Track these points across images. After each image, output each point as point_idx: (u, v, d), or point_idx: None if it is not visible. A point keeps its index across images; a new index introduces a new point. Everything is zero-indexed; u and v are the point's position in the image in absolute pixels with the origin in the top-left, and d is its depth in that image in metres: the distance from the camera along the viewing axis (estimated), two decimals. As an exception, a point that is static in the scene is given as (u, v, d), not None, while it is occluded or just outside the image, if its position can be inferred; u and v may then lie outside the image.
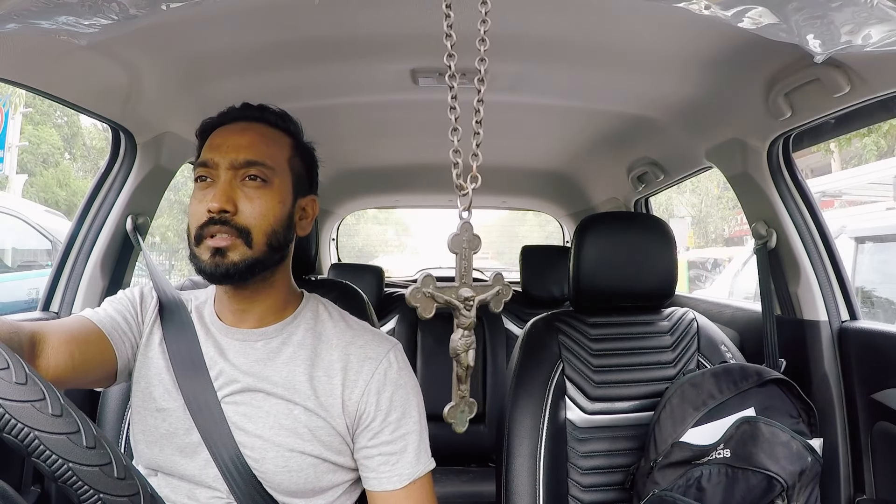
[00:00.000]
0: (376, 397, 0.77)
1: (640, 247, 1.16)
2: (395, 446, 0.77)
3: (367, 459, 0.77)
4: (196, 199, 0.76)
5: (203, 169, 0.77)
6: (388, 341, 0.82)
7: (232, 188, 0.74)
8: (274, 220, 0.76)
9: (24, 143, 10.79)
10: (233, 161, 0.75)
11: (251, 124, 0.79)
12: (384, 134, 1.77)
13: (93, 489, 0.42)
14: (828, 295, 1.20)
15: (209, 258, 0.73)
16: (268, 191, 0.76)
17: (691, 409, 1.01)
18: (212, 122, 0.82)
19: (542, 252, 2.33)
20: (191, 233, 0.76)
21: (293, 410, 0.75)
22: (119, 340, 0.76)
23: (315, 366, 0.78)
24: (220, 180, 0.75)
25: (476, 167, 0.57)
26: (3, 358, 0.43)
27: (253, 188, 0.75)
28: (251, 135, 0.78)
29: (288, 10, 0.94)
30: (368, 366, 0.78)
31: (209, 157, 0.76)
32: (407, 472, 0.76)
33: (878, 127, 7.66)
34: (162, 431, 0.75)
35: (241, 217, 0.74)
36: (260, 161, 0.75)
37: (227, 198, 0.73)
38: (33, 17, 0.64)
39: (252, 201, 0.74)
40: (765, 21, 0.67)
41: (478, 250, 0.60)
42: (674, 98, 1.28)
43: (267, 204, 0.75)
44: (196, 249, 0.75)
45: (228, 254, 0.73)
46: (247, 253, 0.74)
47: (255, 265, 0.74)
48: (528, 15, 0.94)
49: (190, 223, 0.76)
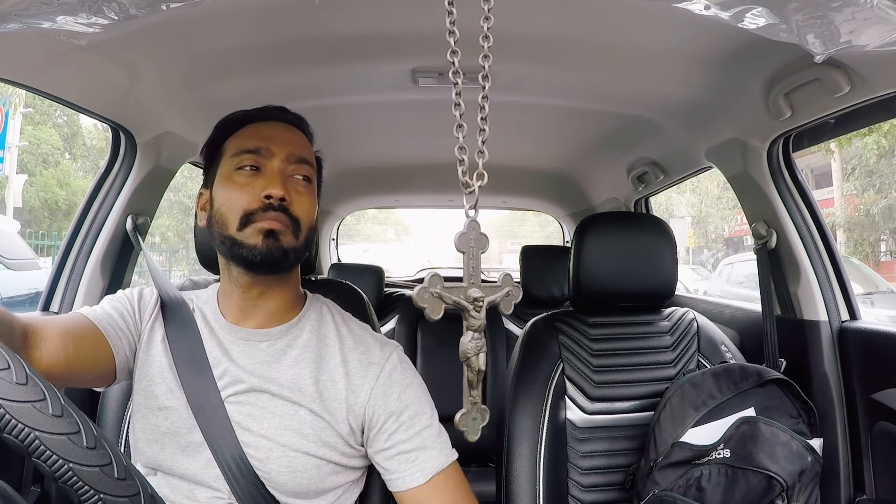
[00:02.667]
0: (384, 400, 0.77)
1: (640, 247, 1.16)
2: (413, 443, 0.77)
3: (387, 461, 0.77)
4: (240, 183, 0.75)
5: (252, 156, 0.77)
6: (389, 345, 0.83)
7: (285, 179, 0.76)
8: (313, 218, 0.80)
9: (24, 143, 10.79)
10: (290, 154, 0.77)
11: (292, 126, 0.82)
12: (384, 134, 1.77)
13: (93, 489, 0.42)
14: (828, 295, 1.20)
15: (262, 240, 0.73)
16: (311, 189, 0.80)
17: (691, 409, 1.01)
18: (245, 115, 0.82)
19: (542, 252, 2.33)
20: (229, 219, 0.74)
21: (299, 412, 0.75)
22: (116, 337, 0.76)
23: (320, 369, 0.78)
24: (274, 170, 0.76)
25: (482, 164, 0.57)
26: (4, 358, 0.43)
27: (302, 185, 0.78)
28: (297, 135, 0.82)
29: (288, 10, 0.94)
30: (372, 371, 0.78)
31: (262, 145, 0.77)
32: (429, 465, 0.76)
33: (879, 127, 7.68)
34: (163, 430, 0.75)
35: (295, 208, 0.76)
36: (309, 161, 0.80)
37: (285, 187, 0.75)
38: (33, 17, 0.64)
39: (301, 196, 0.77)
40: (765, 21, 0.67)
41: (485, 249, 0.59)
42: (674, 98, 1.28)
43: (310, 201, 0.79)
44: (239, 234, 0.74)
45: (282, 238, 0.74)
46: (294, 242, 0.76)
47: (299, 256, 0.77)
48: (528, 15, 0.94)
49: (229, 209, 0.75)
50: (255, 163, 0.76)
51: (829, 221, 3.42)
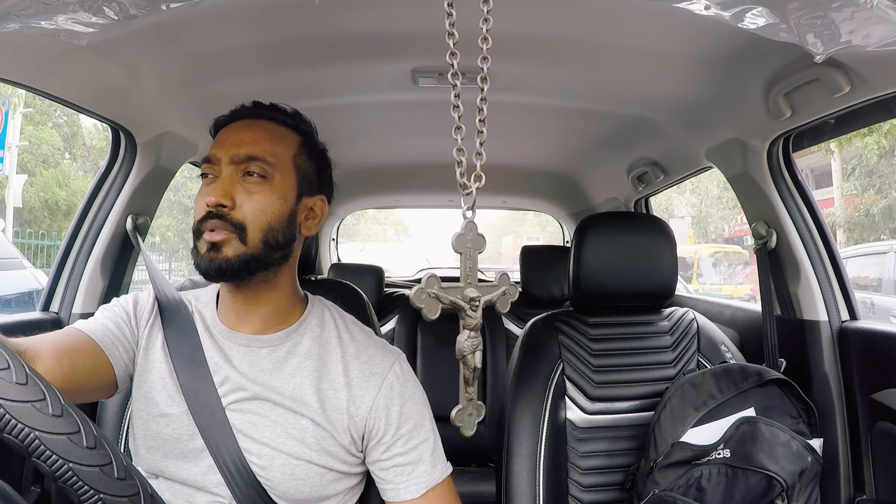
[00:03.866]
0: (385, 412, 0.77)
1: (640, 247, 1.16)
2: (410, 457, 0.77)
3: (383, 472, 0.77)
4: (200, 194, 0.76)
5: (207, 165, 0.77)
6: (392, 353, 0.82)
7: (231, 183, 0.74)
8: (272, 217, 0.75)
9: (24, 143, 10.79)
10: (233, 156, 0.75)
11: (256, 121, 0.79)
12: (384, 134, 1.76)
13: (93, 489, 0.42)
14: (828, 295, 1.20)
15: (204, 252, 0.73)
16: (267, 186, 0.75)
17: (691, 409, 1.01)
18: (223, 119, 0.82)
19: (542, 252, 2.33)
20: (193, 228, 0.76)
21: (300, 421, 0.75)
22: (112, 347, 0.75)
23: (321, 378, 0.77)
24: (221, 175, 0.75)
25: (480, 166, 0.57)
26: (4, 358, 0.43)
27: (252, 183, 0.75)
28: (255, 131, 0.78)
29: (288, 9, 0.94)
30: (374, 381, 0.78)
31: (212, 152, 0.77)
32: (424, 479, 0.76)
33: (879, 127, 7.67)
34: (164, 437, 0.75)
35: (238, 212, 0.73)
36: (260, 157, 0.75)
37: (225, 192, 0.73)
38: (33, 17, 0.64)
39: (251, 196, 0.74)
40: (765, 21, 0.67)
41: (482, 250, 0.59)
42: (674, 98, 1.28)
43: (265, 199, 0.75)
44: (197, 244, 0.75)
45: (223, 249, 0.73)
46: (241, 248, 0.73)
47: (250, 262, 0.74)
48: (528, 15, 0.94)
49: (195, 219, 0.76)
50: (210, 171, 0.77)
51: (829, 221, 3.43)
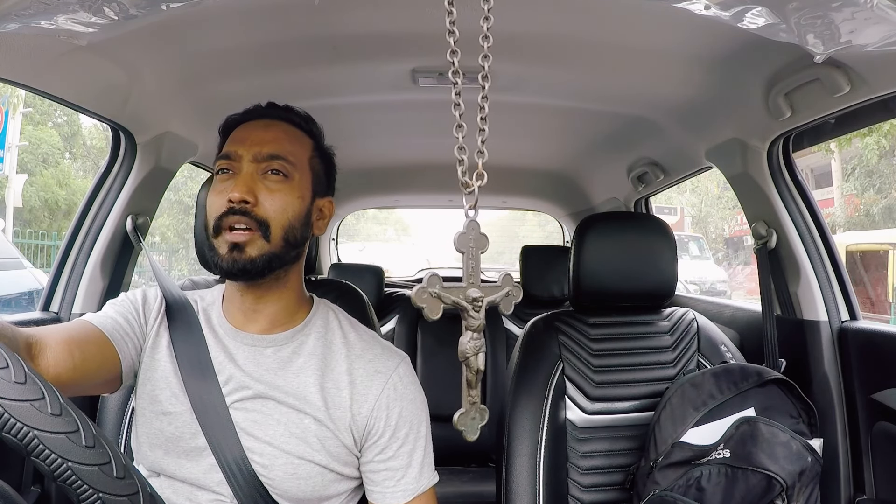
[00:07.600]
0: (386, 412, 0.77)
1: (639, 247, 1.16)
2: (401, 461, 0.77)
3: (372, 474, 0.78)
4: (216, 190, 0.76)
5: (225, 161, 0.77)
6: (397, 355, 0.82)
7: (254, 180, 0.75)
8: (292, 215, 0.77)
9: (24, 143, 10.78)
10: (256, 154, 0.76)
11: (275, 122, 0.81)
12: (384, 134, 1.76)
13: (92, 488, 0.42)
14: (828, 295, 1.20)
15: (227, 253, 0.73)
16: (288, 185, 0.77)
17: (691, 409, 1.01)
18: (236, 118, 0.82)
19: (542, 252, 2.32)
20: (209, 224, 0.76)
21: (303, 420, 0.75)
22: (121, 341, 0.75)
23: (325, 377, 0.78)
24: (242, 172, 0.75)
25: (482, 164, 0.57)
26: (3, 357, 0.43)
27: (274, 182, 0.76)
28: (275, 131, 0.79)
29: (288, 9, 0.94)
30: (378, 380, 0.78)
31: (233, 149, 0.77)
32: (411, 487, 0.77)
33: (879, 127, 7.66)
34: (167, 435, 0.75)
35: (261, 209, 0.74)
36: (282, 156, 0.77)
37: (249, 189, 0.74)
38: (33, 17, 0.64)
39: (273, 194, 0.75)
40: (765, 21, 0.67)
41: (485, 249, 0.59)
42: (674, 98, 1.28)
43: (287, 198, 0.76)
44: (214, 241, 0.75)
45: (246, 249, 0.73)
46: (265, 247, 0.74)
47: (273, 260, 0.75)
48: (528, 15, 0.94)
49: (208, 214, 0.76)
50: (229, 167, 0.77)
51: (829, 221, 3.41)
